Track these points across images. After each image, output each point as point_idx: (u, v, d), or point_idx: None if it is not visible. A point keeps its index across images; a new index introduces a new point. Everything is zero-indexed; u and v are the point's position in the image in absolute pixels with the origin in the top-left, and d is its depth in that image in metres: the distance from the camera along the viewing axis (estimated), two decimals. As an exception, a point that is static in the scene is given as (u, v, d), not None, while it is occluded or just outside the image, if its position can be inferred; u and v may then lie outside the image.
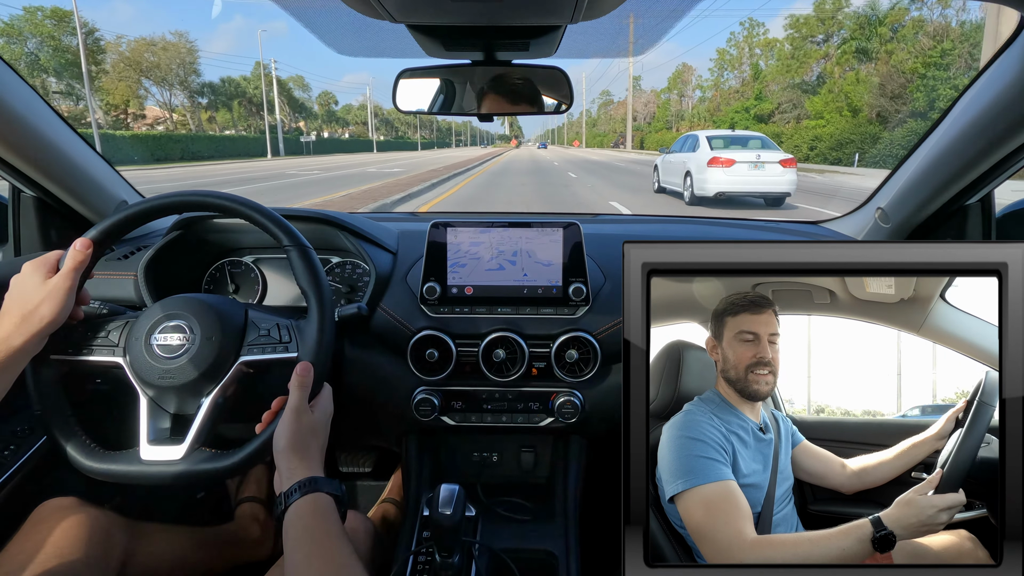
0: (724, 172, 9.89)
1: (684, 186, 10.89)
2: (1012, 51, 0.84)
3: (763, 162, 9.87)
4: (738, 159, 9.92)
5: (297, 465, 0.75)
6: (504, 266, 1.13)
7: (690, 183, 10.54)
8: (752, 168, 9.87)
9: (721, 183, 9.91)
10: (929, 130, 1.14)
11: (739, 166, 9.88)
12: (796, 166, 10.04)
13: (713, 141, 10.61)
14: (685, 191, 10.85)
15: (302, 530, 0.68)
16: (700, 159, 10.26)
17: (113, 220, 0.90)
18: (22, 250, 1.28)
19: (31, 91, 1.07)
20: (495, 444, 1.24)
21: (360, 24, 0.92)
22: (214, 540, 1.27)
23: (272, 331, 0.91)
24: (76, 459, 0.85)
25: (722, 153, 10.12)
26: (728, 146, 10.64)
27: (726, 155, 10.01)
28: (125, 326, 0.90)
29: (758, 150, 10.25)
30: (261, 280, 1.27)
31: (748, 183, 9.95)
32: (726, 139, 11.03)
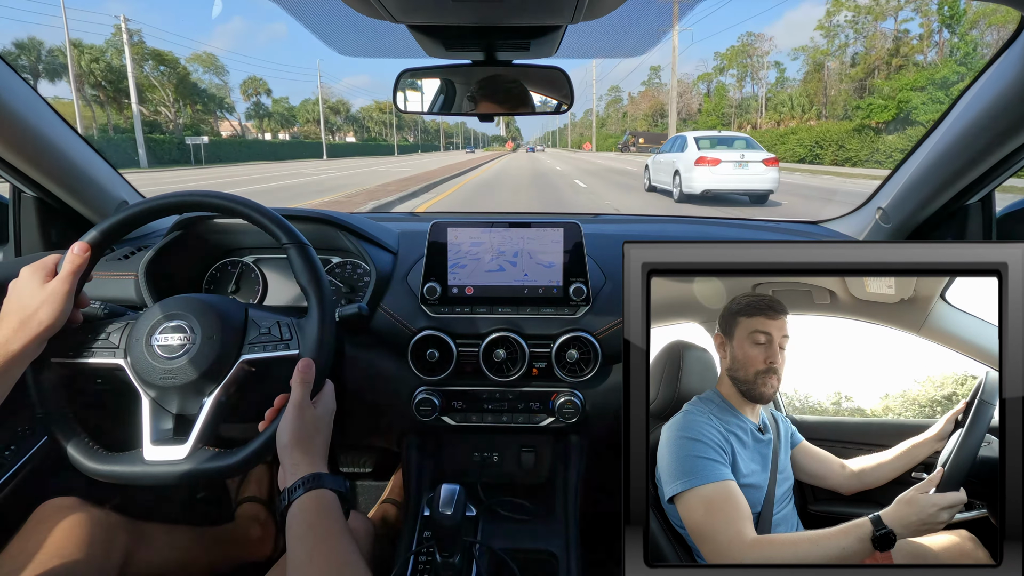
0: (710, 171, 10.39)
1: (673, 184, 11.41)
2: (1012, 51, 0.84)
3: (747, 161, 10.40)
4: (723, 159, 10.43)
5: (300, 460, 0.75)
6: (505, 266, 1.13)
7: (679, 181, 11.04)
8: (737, 167, 10.39)
9: (707, 181, 10.42)
10: (929, 130, 1.14)
11: (724, 165, 10.38)
12: (778, 165, 10.66)
13: (700, 142, 11.20)
14: (674, 189, 11.33)
15: (305, 526, 0.68)
16: (688, 159, 10.78)
17: (113, 221, 0.90)
18: (22, 250, 1.28)
19: (32, 92, 1.07)
20: (495, 444, 1.24)
21: (360, 24, 0.92)
22: (215, 540, 1.27)
23: (273, 329, 0.91)
24: (79, 461, 0.85)
25: (708, 153, 10.67)
26: (714, 146, 11.21)
27: (712, 155, 10.55)
28: (125, 327, 0.90)
29: (742, 150, 10.79)
30: (261, 280, 1.28)
31: (733, 181, 10.44)
32: (712, 140, 11.64)
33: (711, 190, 10.46)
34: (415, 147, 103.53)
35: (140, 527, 1.08)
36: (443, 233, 1.13)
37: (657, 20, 1.45)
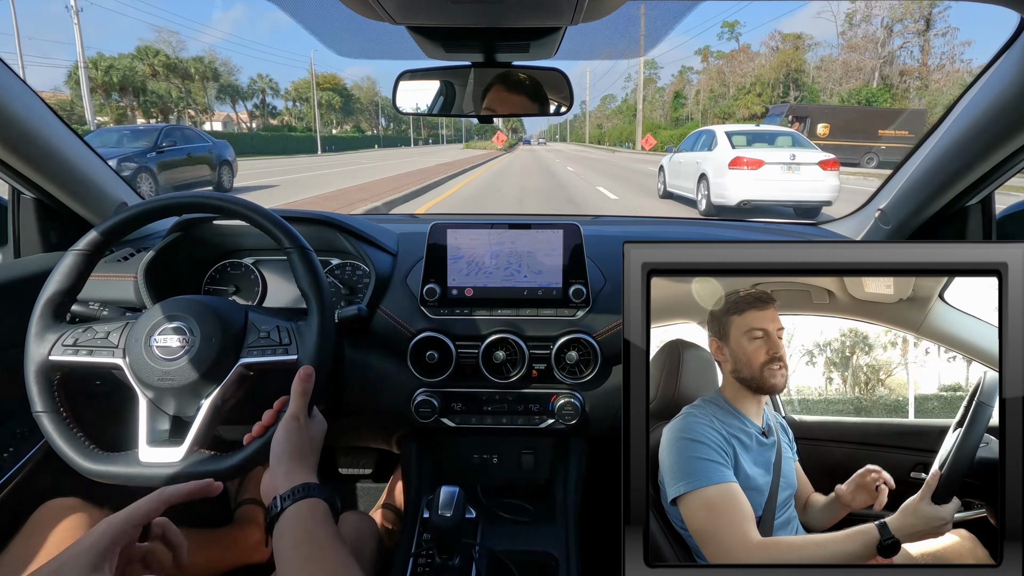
0: (750, 176, 7.73)
1: (698, 192, 8.69)
2: (1012, 52, 0.84)
3: (799, 164, 7.71)
4: (767, 160, 7.74)
5: (296, 469, 0.75)
6: (504, 268, 1.13)
7: (705, 189, 8.35)
8: (785, 171, 7.72)
9: (746, 190, 7.74)
10: (929, 131, 1.14)
11: (769, 168, 7.71)
12: (839, 168, 7.91)
13: (734, 138, 8.46)
14: (699, 198, 8.61)
15: (301, 532, 0.68)
16: (719, 159, 8.12)
17: (113, 222, 0.90)
18: (21, 251, 1.28)
19: (31, 93, 1.07)
20: (495, 446, 1.24)
21: (360, 25, 0.92)
22: (213, 542, 1.27)
23: (272, 333, 0.91)
24: (74, 460, 0.85)
25: (746, 152, 7.92)
26: (752, 144, 8.49)
27: (752, 154, 7.83)
28: (125, 327, 0.90)
29: (791, 148, 8.13)
30: (261, 282, 1.28)
31: (780, 190, 7.72)
32: (749, 135, 8.82)
33: (750, 201, 7.74)
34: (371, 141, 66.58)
35: None
36: (443, 235, 1.13)
37: (657, 21, 1.45)
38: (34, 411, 0.86)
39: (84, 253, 0.90)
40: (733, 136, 8.54)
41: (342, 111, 73.59)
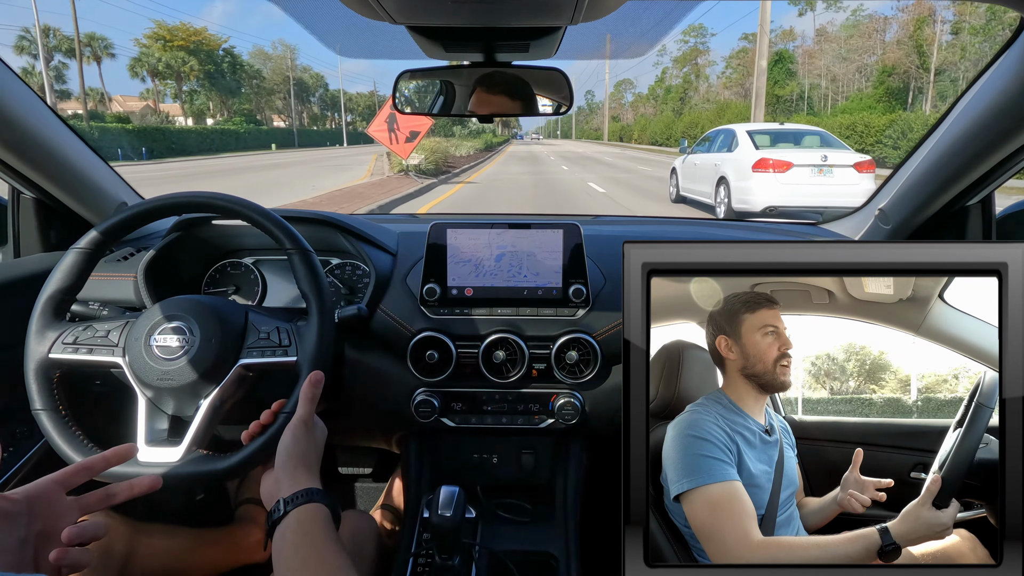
0: (777, 179, 7.06)
1: (716, 197, 7.97)
2: (1012, 52, 0.84)
3: (831, 166, 7.02)
4: (796, 161, 7.07)
5: (300, 475, 0.75)
6: (504, 267, 1.13)
7: (725, 193, 7.67)
8: (815, 173, 7.04)
9: (773, 194, 7.04)
10: (929, 131, 1.14)
11: (798, 171, 7.03)
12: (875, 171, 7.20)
13: (757, 137, 7.76)
14: (718, 204, 7.89)
15: (302, 535, 0.69)
16: (741, 161, 7.44)
17: (113, 222, 0.90)
18: (21, 251, 1.28)
19: (31, 92, 1.07)
20: (495, 446, 1.24)
21: (360, 25, 0.92)
22: (214, 542, 1.27)
23: (272, 334, 0.91)
24: (72, 459, 0.85)
25: (772, 154, 7.26)
26: (776, 144, 7.83)
27: (778, 156, 7.18)
28: (125, 326, 0.90)
29: (822, 149, 7.41)
30: (261, 281, 1.28)
31: (810, 194, 6.97)
32: (773, 135, 8.13)
33: (776, 207, 7.01)
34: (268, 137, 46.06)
35: (140, 528, 1.08)
36: (443, 234, 1.13)
37: (657, 20, 1.45)
38: (33, 409, 0.86)
39: (85, 251, 0.90)
40: (756, 135, 7.88)
41: (217, 87, 51.43)
